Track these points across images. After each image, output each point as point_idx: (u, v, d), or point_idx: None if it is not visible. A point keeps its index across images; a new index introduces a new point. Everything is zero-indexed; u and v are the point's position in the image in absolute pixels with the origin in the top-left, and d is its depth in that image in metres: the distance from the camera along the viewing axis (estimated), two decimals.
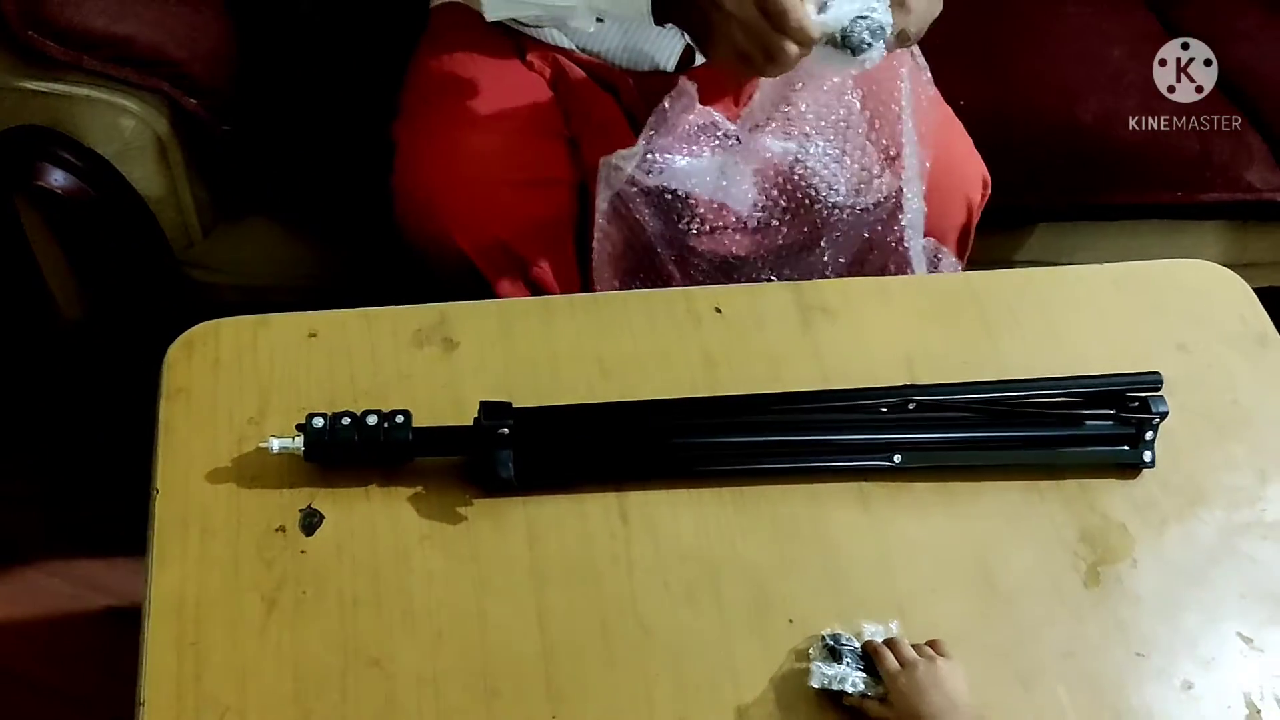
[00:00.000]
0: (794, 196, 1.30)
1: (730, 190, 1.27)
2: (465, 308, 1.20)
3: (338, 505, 1.05)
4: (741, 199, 1.28)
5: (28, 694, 1.54)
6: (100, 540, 1.67)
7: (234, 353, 1.14)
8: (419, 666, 0.97)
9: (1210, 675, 1.03)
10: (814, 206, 1.30)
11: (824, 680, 0.97)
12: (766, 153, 1.27)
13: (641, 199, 1.27)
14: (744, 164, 1.27)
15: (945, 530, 1.09)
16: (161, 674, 0.96)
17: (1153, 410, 1.12)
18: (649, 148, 1.25)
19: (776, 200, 1.29)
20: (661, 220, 1.29)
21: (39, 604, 1.62)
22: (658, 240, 1.29)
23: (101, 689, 1.52)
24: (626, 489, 1.08)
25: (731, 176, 1.27)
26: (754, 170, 1.28)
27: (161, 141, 1.36)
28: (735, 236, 1.31)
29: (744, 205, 1.28)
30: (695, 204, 1.27)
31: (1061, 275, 1.32)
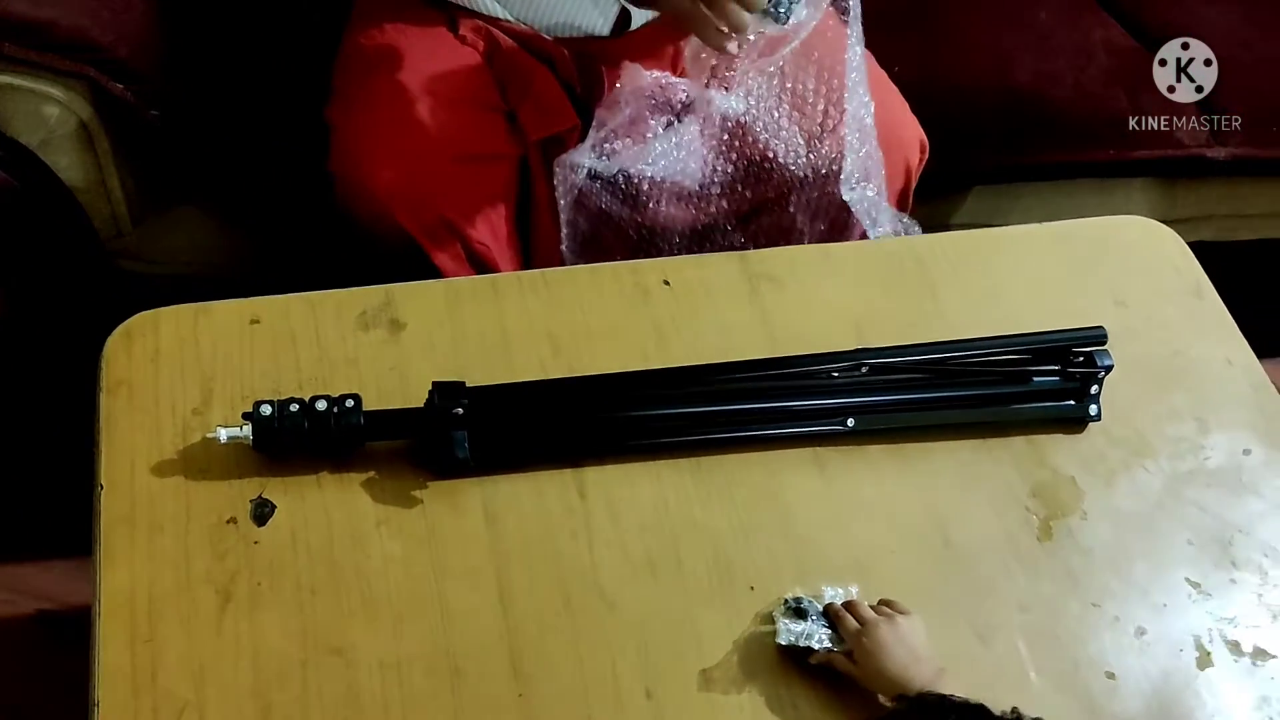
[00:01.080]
0: (747, 156, 1.31)
1: (687, 161, 1.27)
2: (411, 288, 1.18)
3: (289, 494, 1.03)
4: (697, 167, 1.28)
5: None
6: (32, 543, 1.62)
7: (174, 342, 1.11)
8: (380, 653, 0.96)
9: (1162, 621, 1.05)
10: (766, 166, 1.30)
11: (791, 637, 0.97)
12: (717, 112, 1.27)
13: (601, 189, 1.27)
14: (697, 130, 1.27)
15: (900, 491, 1.10)
16: (115, 673, 0.93)
17: (1097, 365, 1.14)
18: (600, 138, 1.25)
19: (734, 162, 1.30)
20: (624, 204, 1.29)
21: None
22: (626, 224, 1.29)
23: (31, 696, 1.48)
24: (583, 464, 1.08)
25: (686, 145, 1.27)
26: (708, 135, 1.28)
27: (87, 129, 1.32)
28: (699, 204, 1.31)
29: (701, 173, 1.29)
30: (654, 182, 1.27)
31: (1002, 235, 1.34)
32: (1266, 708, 1.02)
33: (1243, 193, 1.69)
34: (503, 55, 1.33)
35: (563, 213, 1.29)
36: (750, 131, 1.30)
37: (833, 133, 1.30)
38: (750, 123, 1.29)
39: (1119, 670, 1.02)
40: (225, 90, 1.44)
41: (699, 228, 1.34)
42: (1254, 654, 1.04)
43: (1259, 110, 1.61)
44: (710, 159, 1.29)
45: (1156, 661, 1.03)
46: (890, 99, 1.41)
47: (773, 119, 1.29)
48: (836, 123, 1.30)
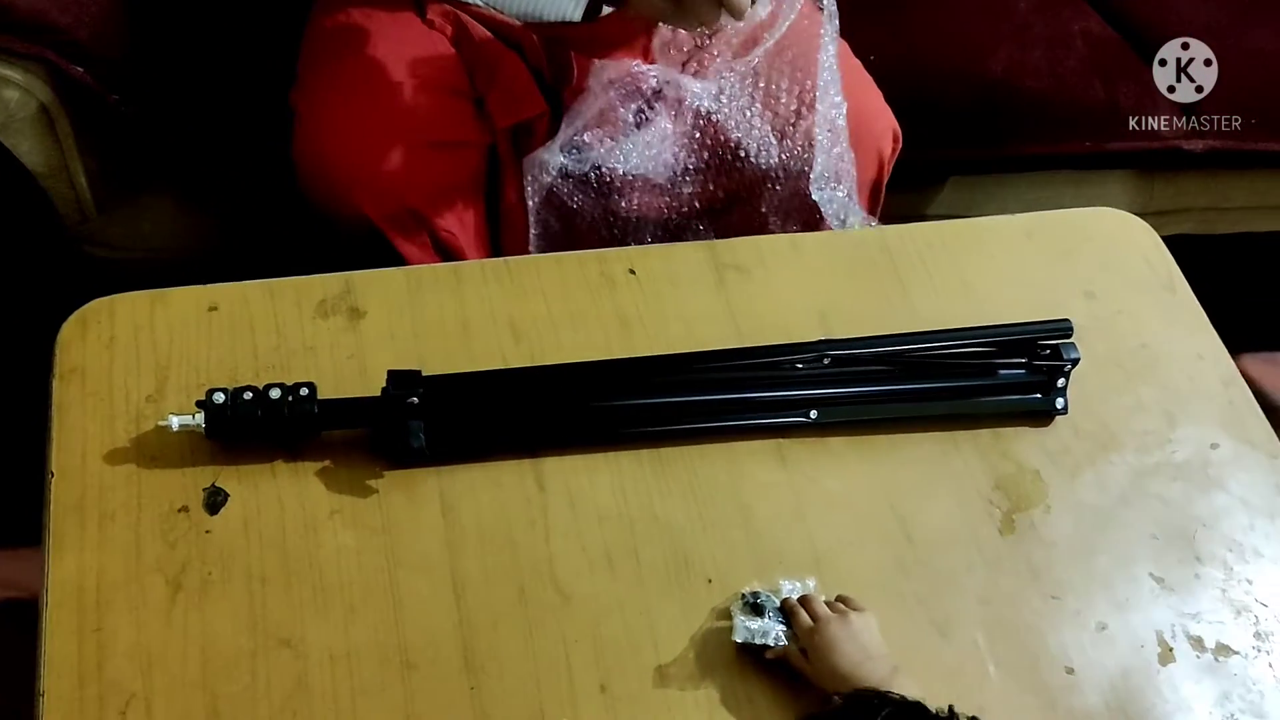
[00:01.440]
0: (718, 151, 1.30)
1: (659, 155, 1.27)
2: (372, 276, 1.17)
3: (243, 483, 1.02)
4: (669, 161, 1.27)
5: None
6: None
7: (130, 329, 1.10)
8: (331, 644, 0.95)
9: (1124, 616, 1.05)
10: (736, 163, 1.29)
11: (747, 634, 0.96)
12: (689, 105, 1.26)
13: (573, 186, 1.27)
14: (669, 123, 1.26)
15: (862, 484, 1.09)
16: (62, 662, 0.92)
17: (1064, 357, 1.13)
18: (571, 134, 1.24)
19: (705, 158, 1.29)
20: (595, 199, 1.28)
21: None
22: (597, 220, 1.29)
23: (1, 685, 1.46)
24: (542, 455, 1.07)
25: (658, 139, 1.26)
26: (679, 129, 1.27)
27: (48, 112, 1.30)
28: (670, 199, 1.30)
29: (672, 168, 1.28)
30: (625, 178, 1.26)
31: (972, 227, 1.32)
32: (1228, 704, 1.01)
33: (1221, 185, 1.68)
34: (471, 41, 1.32)
35: (532, 213, 1.28)
36: (721, 127, 1.28)
37: (804, 132, 1.29)
38: (722, 119, 1.28)
39: (1079, 665, 1.01)
40: (189, 74, 1.42)
41: (670, 223, 1.33)
42: (1216, 650, 1.04)
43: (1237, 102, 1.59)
44: (681, 154, 1.28)
45: (1117, 657, 1.02)
46: (864, 88, 1.40)
47: (744, 116, 1.28)
48: (808, 123, 1.29)
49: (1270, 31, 1.65)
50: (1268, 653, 1.04)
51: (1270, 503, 1.13)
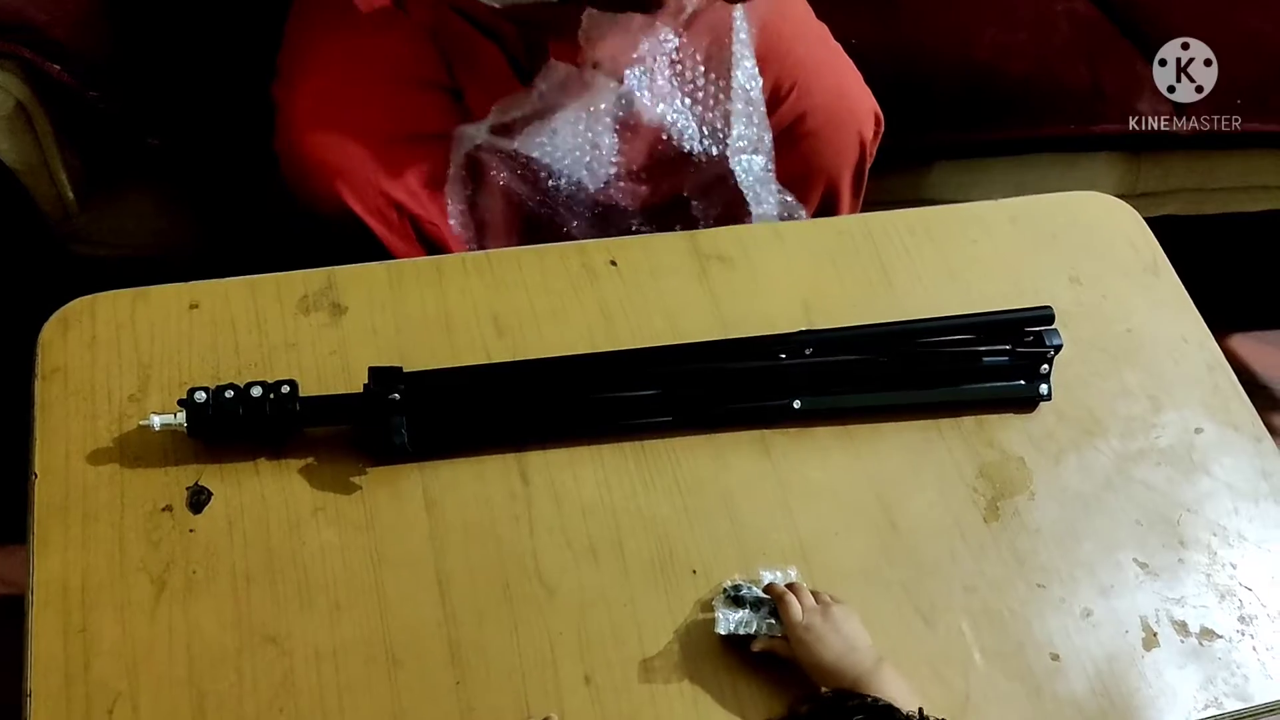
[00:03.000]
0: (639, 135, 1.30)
1: (581, 138, 1.27)
2: (353, 271, 1.17)
3: (226, 481, 1.02)
4: (592, 143, 1.27)
5: None
6: None
7: (112, 328, 1.10)
8: (317, 641, 0.95)
9: (1108, 602, 1.05)
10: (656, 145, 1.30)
11: (730, 626, 0.97)
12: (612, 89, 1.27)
13: (498, 161, 1.27)
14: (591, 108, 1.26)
15: (846, 473, 1.09)
16: (48, 663, 0.93)
17: (1047, 344, 1.13)
18: (502, 117, 1.25)
19: (625, 140, 1.29)
20: (519, 178, 1.29)
21: None
22: (523, 198, 1.28)
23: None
24: (526, 449, 1.07)
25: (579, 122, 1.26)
26: (601, 115, 1.27)
27: (26, 110, 1.30)
28: (599, 188, 1.30)
29: (595, 150, 1.28)
30: (554, 162, 1.26)
31: (956, 213, 1.32)
32: (1212, 688, 1.01)
33: (1208, 166, 1.68)
34: (449, 31, 1.31)
35: (450, 181, 1.28)
36: (642, 111, 1.29)
37: (723, 113, 1.29)
38: (641, 103, 1.28)
39: (1064, 651, 1.02)
40: (169, 70, 1.41)
41: (596, 206, 1.33)
42: (1201, 634, 1.04)
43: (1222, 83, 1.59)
44: (604, 138, 1.29)
45: (1102, 642, 1.03)
46: (843, 71, 1.39)
47: (665, 99, 1.28)
48: (727, 104, 1.29)
49: (1258, 13, 1.65)
50: (1252, 636, 1.04)
51: (1254, 487, 1.13)
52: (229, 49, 1.42)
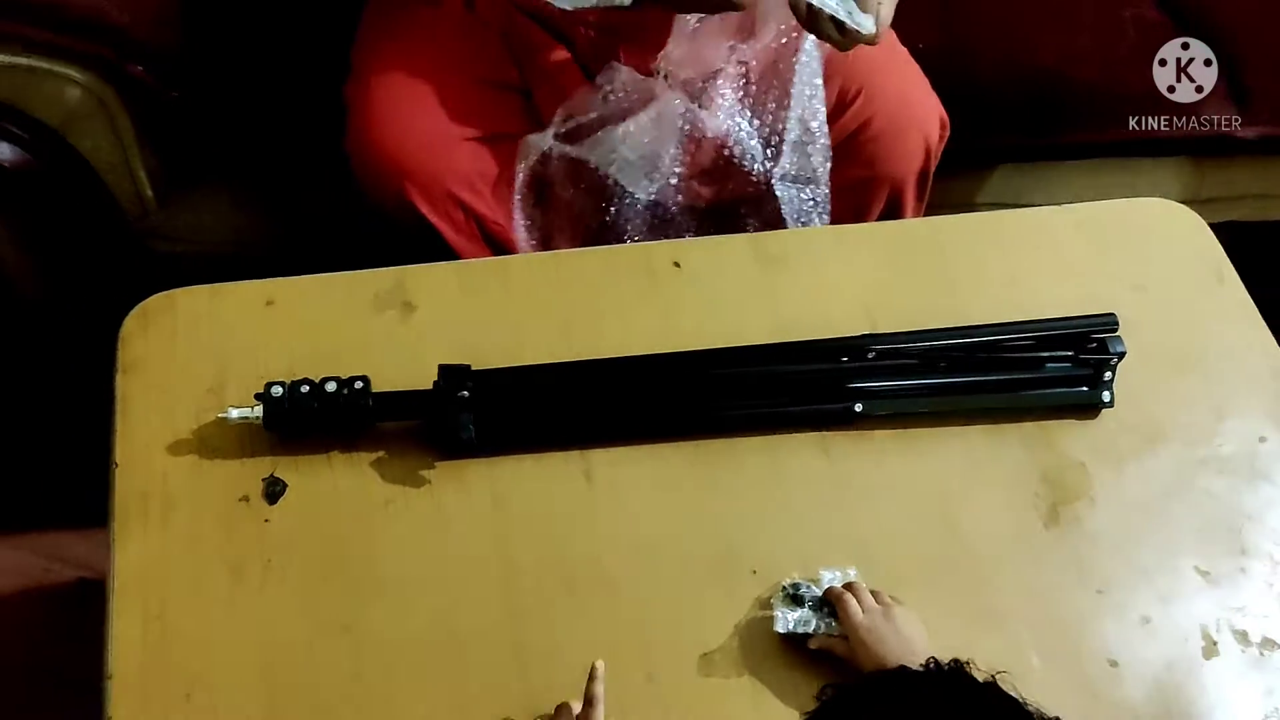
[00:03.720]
0: (704, 152, 1.32)
1: (647, 150, 1.28)
2: (423, 270, 1.19)
3: (300, 473, 1.05)
4: (657, 156, 1.29)
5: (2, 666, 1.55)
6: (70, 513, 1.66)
7: (190, 323, 1.13)
8: (387, 631, 0.98)
9: (1168, 609, 1.05)
10: (719, 163, 1.32)
11: (789, 625, 0.98)
12: (680, 106, 1.29)
13: (563, 172, 1.30)
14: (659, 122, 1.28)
15: (906, 476, 1.10)
16: (128, 647, 0.96)
17: (1111, 351, 1.13)
18: (567, 124, 1.28)
19: (690, 154, 1.31)
20: (583, 190, 1.31)
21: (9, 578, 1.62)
22: (586, 209, 1.30)
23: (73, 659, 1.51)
24: (589, 447, 1.09)
25: (646, 135, 1.28)
26: (668, 130, 1.29)
27: (108, 109, 1.34)
28: (655, 193, 1.32)
29: (659, 163, 1.29)
30: (612, 169, 1.29)
31: (1020, 218, 1.32)
32: (1272, 698, 1.01)
33: (1274, 172, 1.66)
34: (519, 34, 1.33)
35: (517, 191, 1.30)
36: (708, 129, 1.30)
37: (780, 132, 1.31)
38: (709, 122, 1.30)
39: (1122, 658, 1.02)
40: (245, 70, 1.45)
41: (658, 217, 1.35)
42: (1262, 644, 1.03)
43: None
44: (670, 151, 1.30)
45: (1161, 650, 1.03)
46: (909, 75, 1.40)
47: (732, 120, 1.29)
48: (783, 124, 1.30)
49: None
50: None
51: None
52: (303, 49, 1.45)
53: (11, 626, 1.58)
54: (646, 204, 1.33)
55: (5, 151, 1.30)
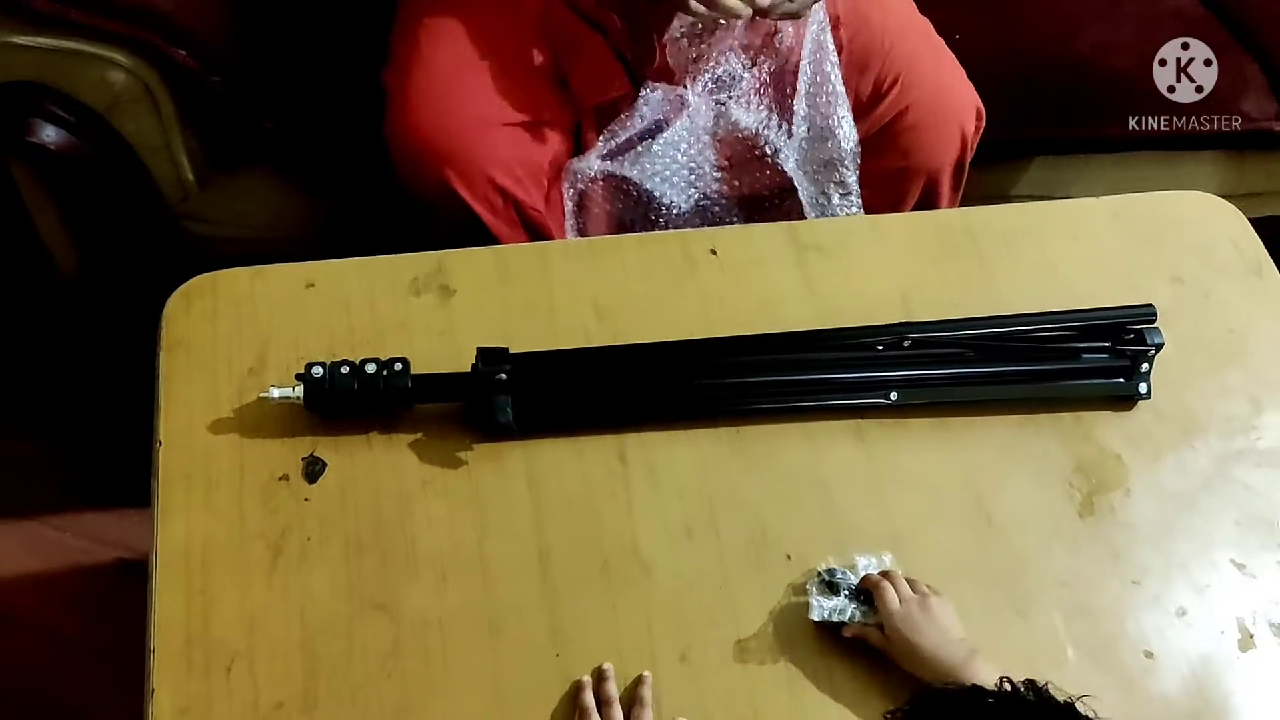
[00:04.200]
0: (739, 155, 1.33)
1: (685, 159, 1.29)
2: (462, 255, 1.20)
3: (339, 453, 1.06)
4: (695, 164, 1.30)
5: (40, 644, 1.57)
6: (108, 493, 1.68)
7: (232, 304, 1.15)
8: (424, 609, 0.99)
9: (1204, 601, 1.05)
10: (754, 163, 1.32)
11: (824, 613, 0.98)
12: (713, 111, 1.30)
13: (611, 191, 1.32)
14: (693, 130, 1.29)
15: (941, 464, 1.10)
16: (171, 622, 0.97)
17: (1148, 342, 1.13)
18: (610, 145, 1.29)
19: (726, 159, 1.32)
20: (632, 204, 1.32)
21: (50, 557, 1.64)
22: (635, 226, 1.32)
23: (112, 638, 1.54)
24: (625, 431, 1.09)
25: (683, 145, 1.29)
26: (703, 138, 1.30)
27: (152, 93, 1.35)
28: (700, 203, 1.33)
29: (698, 171, 1.30)
30: (655, 182, 1.30)
31: (1057, 209, 1.32)
32: None
33: None
34: (556, 22, 1.34)
35: (568, 216, 1.33)
36: (743, 131, 1.31)
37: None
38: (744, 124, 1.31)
39: (1158, 649, 1.02)
40: (286, 56, 1.46)
41: (702, 223, 1.37)
42: None
43: None
44: (706, 156, 1.32)
45: (1196, 642, 1.02)
46: (946, 65, 1.39)
47: (762, 119, 1.30)
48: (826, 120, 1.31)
49: None
50: None
51: None
52: (343, 35, 1.46)
53: (53, 605, 1.61)
54: (691, 211, 1.34)
55: (51, 134, 1.32)
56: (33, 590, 1.63)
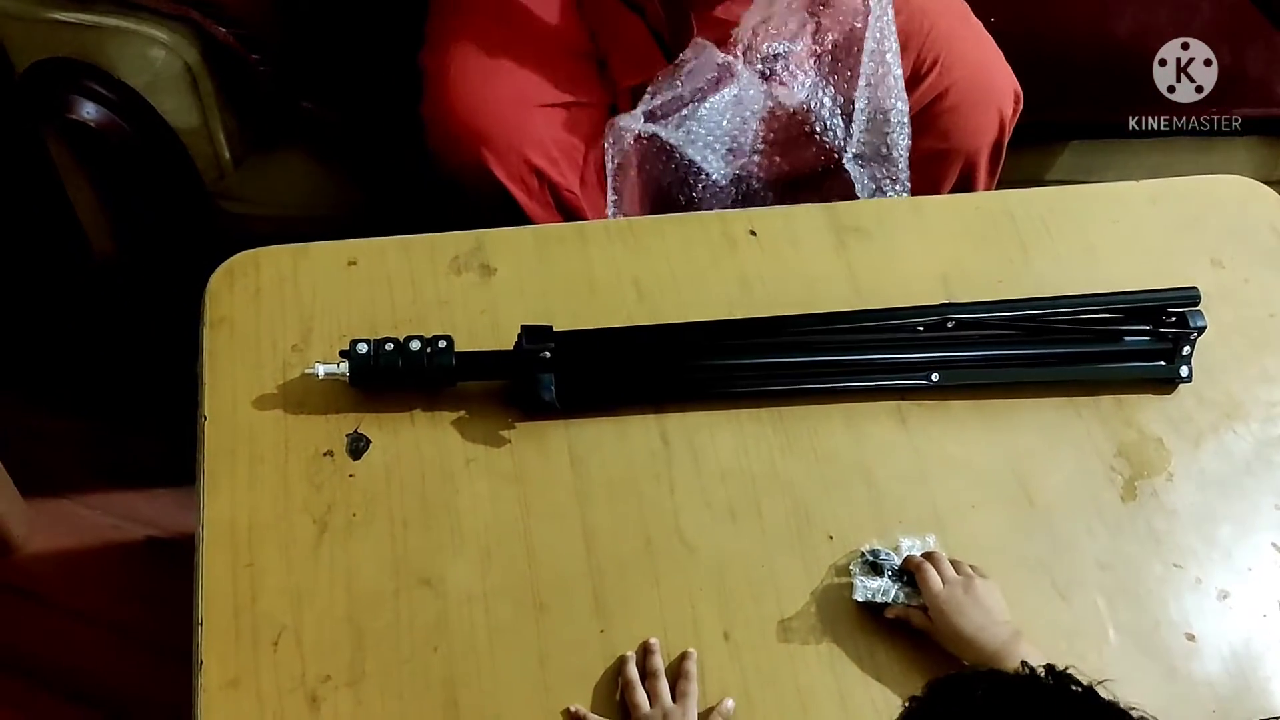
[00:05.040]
0: (785, 128, 1.32)
1: (730, 128, 1.29)
2: (502, 234, 1.20)
3: (383, 430, 1.06)
4: (739, 134, 1.29)
5: (70, 622, 1.58)
6: (139, 473, 1.69)
7: (274, 281, 1.15)
8: (469, 585, 0.99)
9: (1246, 585, 1.05)
10: (800, 139, 1.32)
11: (867, 594, 0.99)
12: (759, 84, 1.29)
13: (654, 152, 1.31)
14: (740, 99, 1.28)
15: (983, 447, 1.10)
16: (218, 595, 0.98)
17: (1190, 325, 1.13)
18: (653, 104, 1.28)
19: (773, 131, 1.31)
20: (672, 167, 1.32)
21: (80, 536, 1.65)
22: (675, 186, 1.31)
23: (141, 616, 1.56)
24: (666, 410, 1.09)
25: (728, 113, 1.29)
26: (750, 108, 1.29)
27: (192, 72, 1.36)
28: (738, 170, 1.33)
29: (741, 140, 1.30)
30: (698, 148, 1.29)
31: (1096, 192, 1.32)
32: None
33: None
34: (593, 2, 1.34)
35: (610, 175, 1.32)
36: (790, 105, 1.31)
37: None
38: (790, 98, 1.30)
39: (1199, 632, 1.02)
40: (324, 36, 1.46)
41: (741, 193, 1.36)
42: None
43: None
44: (752, 128, 1.31)
45: (1238, 625, 1.02)
46: (984, 47, 1.39)
47: (816, 100, 1.30)
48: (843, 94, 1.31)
49: None
50: None
51: None
52: (380, 16, 1.46)
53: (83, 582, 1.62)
54: (728, 181, 1.34)
55: (90, 111, 1.33)
56: (63, 567, 1.64)
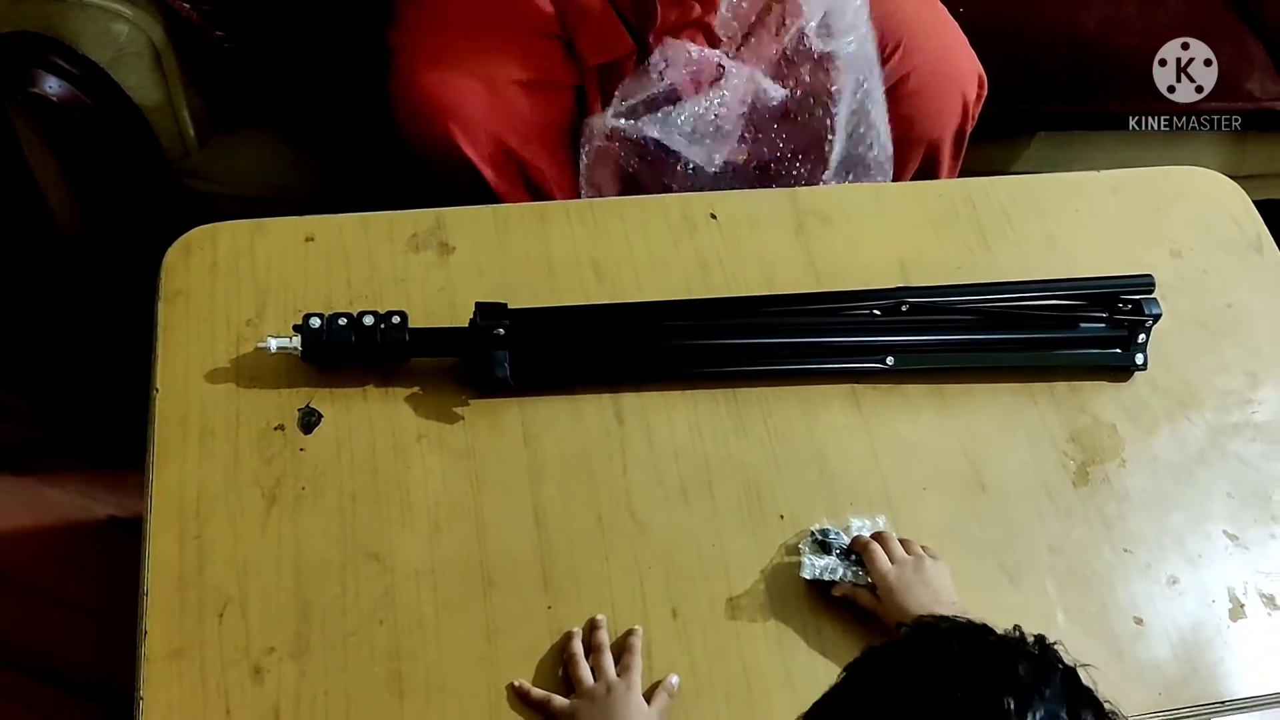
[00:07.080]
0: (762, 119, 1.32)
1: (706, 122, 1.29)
2: (462, 213, 1.20)
3: (336, 404, 1.06)
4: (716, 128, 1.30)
5: (33, 600, 1.57)
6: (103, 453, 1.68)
7: (231, 256, 1.14)
8: (417, 560, 0.99)
9: (1196, 571, 1.05)
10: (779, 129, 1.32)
11: (815, 571, 0.99)
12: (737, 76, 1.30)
13: (628, 150, 1.31)
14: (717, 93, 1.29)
15: (936, 430, 1.10)
16: (164, 566, 0.97)
17: (1145, 312, 1.13)
18: (625, 105, 1.29)
19: (751, 123, 1.31)
20: (648, 164, 1.32)
21: (42, 514, 1.64)
22: (650, 185, 1.32)
23: (104, 595, 1.55)
24: (621, 389, 1.09)
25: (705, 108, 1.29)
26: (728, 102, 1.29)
27: (156, 48, 1.35)
28: (716, 163, 1.33)
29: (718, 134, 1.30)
30: (680, 141, 1.29)
31: (1058, 181, 1.32)
32: None
33: None
34: None
35: (582, 173, 1.32)
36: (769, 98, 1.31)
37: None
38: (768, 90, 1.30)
39: (1148, 616, 1.02)
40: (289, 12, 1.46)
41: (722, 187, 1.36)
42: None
43: None
44: (728, 120, 1.31)
45: (1187, 610, 1.03)
46: (948, 31, 1.40)
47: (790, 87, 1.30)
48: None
49: None
50: None
51: None
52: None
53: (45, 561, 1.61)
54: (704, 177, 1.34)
55: (53, 86, 1.32)
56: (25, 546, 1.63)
